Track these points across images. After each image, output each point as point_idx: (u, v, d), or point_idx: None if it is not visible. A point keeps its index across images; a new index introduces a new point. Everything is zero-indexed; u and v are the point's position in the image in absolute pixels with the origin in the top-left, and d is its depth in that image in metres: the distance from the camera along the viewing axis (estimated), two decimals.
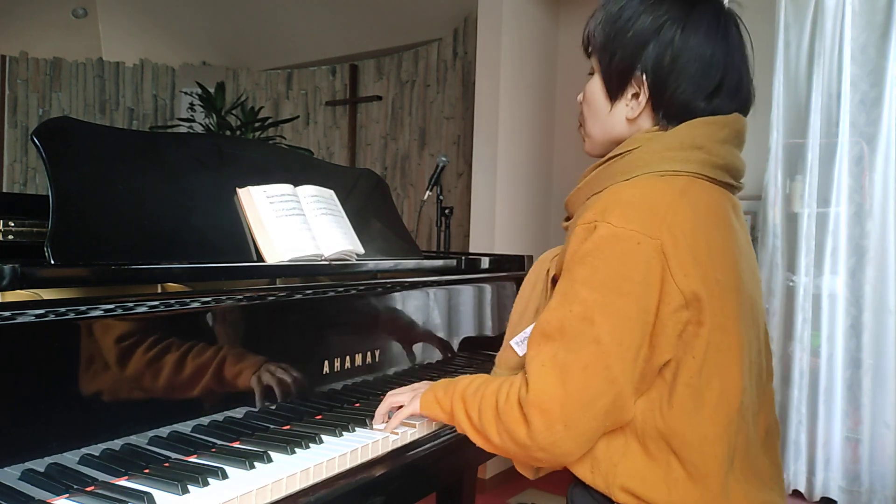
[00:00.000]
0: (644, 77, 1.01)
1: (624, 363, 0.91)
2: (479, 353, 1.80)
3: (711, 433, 0.94)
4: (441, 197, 2.53)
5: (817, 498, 2.56)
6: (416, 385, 1.22)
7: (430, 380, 1.52)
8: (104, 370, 0.95)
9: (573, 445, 0.94)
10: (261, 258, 1.30)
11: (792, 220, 2.66)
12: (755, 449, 1.02)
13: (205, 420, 1.08)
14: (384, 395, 1.25)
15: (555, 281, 1.05)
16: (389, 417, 1.21)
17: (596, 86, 1.07)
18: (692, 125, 1.00)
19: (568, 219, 1.11)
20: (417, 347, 1.60)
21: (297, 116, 4.91)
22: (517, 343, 1.13)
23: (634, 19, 1.01)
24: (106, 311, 0.95)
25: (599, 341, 0.91)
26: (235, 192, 1.34)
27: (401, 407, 1.18)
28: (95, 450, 0.93)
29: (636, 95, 1.03)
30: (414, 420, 1.23)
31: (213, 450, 1.05)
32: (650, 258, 0.91)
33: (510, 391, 0.97)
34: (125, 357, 0.98)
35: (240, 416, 1.14)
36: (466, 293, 1.78)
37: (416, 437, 1.24)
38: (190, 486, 0.90)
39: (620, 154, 1.03)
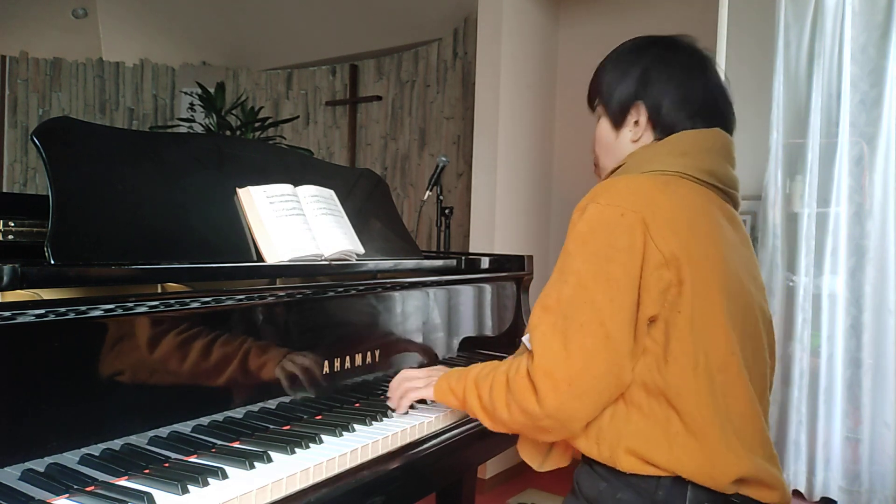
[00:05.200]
0: (642, 104, 1.17)
1: (617, 319, 1.00)
2: (479, 353, 1.80)
3: (703, 387, 1.01)
4: (441, 197, 2.52)
5: (817, 498, 2.57)
6: (430, 369, 1.32)
7: None
8: (104, 370, 0.95)
9: (578, 406, 1.00)
10: (261, 258, 1.30)
11: (792, 220, 2.66)
12: (757, 421, 1.07)
13: (205, 420, 1.08)
14: (386, 394, 1.27)
15: None
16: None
17: (603, 126, 1.24)
18: (679, 136, 1.15)
19: None
20: (417, 347, 1.60)
21: (297, 116, 4.91)
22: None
23: (627, 64, 1.20)
24: (106, 311, 0.94)
25: (594, 301, 1.01)
26: (235, 192, 1.34)
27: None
28: (95, 450, 0.93)
29: (637, 122, 1.19)
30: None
31: (213, 450, 1.05)
32: (633, 226, 1.02)
33: (520, 366, 1.06)
34: (125, 357, 0.98)
35: (240, 416, 1.14)
36: (466, 293, 1.78)
37: (417, 436, 1.24)
38: (190, 486, 0.90)
39: (618, 167, 1.19)
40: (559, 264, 1.07)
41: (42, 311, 0.87)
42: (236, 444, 1.08)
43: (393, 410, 1.30)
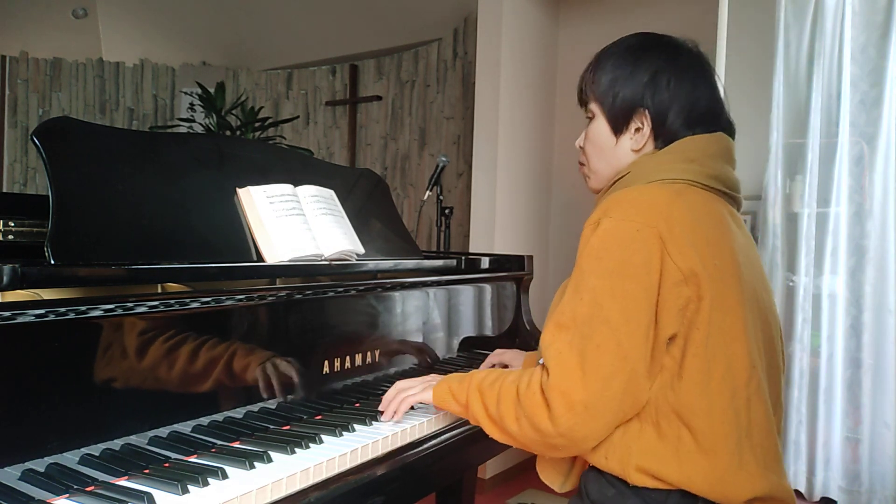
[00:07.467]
0: (647, 112, 1.14)
1: (634, 340, 0.98)
2: (479, 353, 1.80)
3: (718, 404, 1.00)
4: (441, 197, 2.53)
5: (817, 498, 2.56)
6: (426, 377, 1.28)
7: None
8: (104, 370, 0.95)
9: (593, 428, 0.99)
10: (261, 258, 1.30)
11: (792, 220, 2.66)
12: (773, 434, 1.07)
13: (205, 420, 1.08)
14: (384, 395, 1.27)
15: None
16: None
17: (599, 127, 1.19)
18: (684, 142, 1.12)
19: None
20: (417, 347, 1.60)
21: (297, 116, 4.91)
22: None
23: (631, 66, 1.15)
24: (106, 311, 0.95)
25: (609, 321, 0.98)
26: (235, 192, 1.34)
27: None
28: (95, 450, 0.93)
29: (639, 129, 1.15)
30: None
31: (213, 450, 1.05)
32: (649, 242, 1.00)
33: (531, 379, 1.03)
34: (125, 357, 0.98)
35: (240, 416, 1.14)
36: (466, 293, 1.78)
37: (416, 436, 1.24)
38: (190, 486, 0.90)
39: (622, 177, 1.15)
40: (573, 282, 1.05)
41: (42, 311, 0.87)
42: (236, 444, 1.08)
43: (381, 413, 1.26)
